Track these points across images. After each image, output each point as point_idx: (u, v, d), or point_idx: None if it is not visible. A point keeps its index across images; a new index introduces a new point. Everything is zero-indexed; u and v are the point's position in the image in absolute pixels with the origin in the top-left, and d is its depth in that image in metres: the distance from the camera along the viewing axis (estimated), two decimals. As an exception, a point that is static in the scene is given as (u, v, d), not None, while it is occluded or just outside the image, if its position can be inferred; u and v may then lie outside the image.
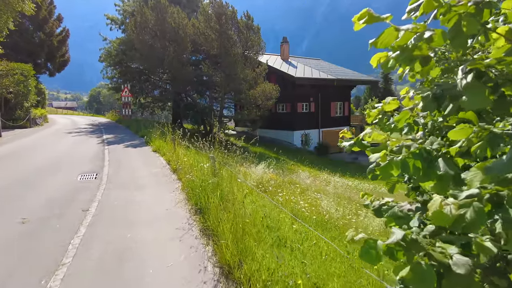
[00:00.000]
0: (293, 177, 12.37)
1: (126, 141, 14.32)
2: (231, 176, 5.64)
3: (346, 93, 31.12)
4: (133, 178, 7.68)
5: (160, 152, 10.94)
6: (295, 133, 27.11)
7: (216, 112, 24.22)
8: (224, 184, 4.94)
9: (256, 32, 21.36)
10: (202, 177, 5.45)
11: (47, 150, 11.70)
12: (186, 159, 8.05)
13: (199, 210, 5.03)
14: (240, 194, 4.93)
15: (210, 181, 4.96)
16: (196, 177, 5.79)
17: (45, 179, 7.60)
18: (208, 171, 5.57)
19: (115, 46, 26.20)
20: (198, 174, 5.81)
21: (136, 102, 28.67)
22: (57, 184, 7.13)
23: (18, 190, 6.60)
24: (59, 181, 7.44)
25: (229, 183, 5.13)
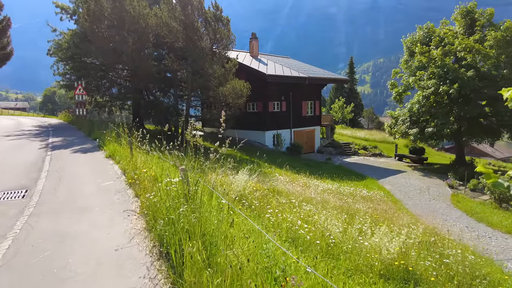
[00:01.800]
0: (273, 184, 10.92)
1: (76, 145, 12.15)
2: (211, 195, 4.06)
3: (317, 92, 30.32)
4: (76, 196, 5.83)
5: (115, 158, 9.04)
6: (266, 133, 25.79)
7: (181, 111, 22.30)
8: (206, 216, 3.35)
9: (225, 24, 19.73)
10: (169, 202, 3.82)
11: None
12: (147, 170, 6.30)
13: (166, 254, 3.40)
14: (225, 223, 3.37)
15: (182, 209, 3.35)
16: (160, 199, 4.13)
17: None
18: (178, 190, 3.95)
19: (67, 38, 23.38)
20: (163, 195, 4.15)
21: (92, 101, 25.92)
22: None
23: None
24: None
25: (213, 210, 3.56)
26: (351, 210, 9.09)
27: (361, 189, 16.37)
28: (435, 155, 33.18)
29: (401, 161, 28.42)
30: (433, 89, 22.84)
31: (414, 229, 8.10)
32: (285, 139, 26.52)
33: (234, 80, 20.59)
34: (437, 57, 23.26)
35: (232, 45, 20.42)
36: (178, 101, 22.88)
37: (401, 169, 24.77)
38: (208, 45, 19.81)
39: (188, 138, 19.56)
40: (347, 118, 48.22)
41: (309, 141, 28.78)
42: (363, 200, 13.98)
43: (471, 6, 25.75)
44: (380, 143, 34.30)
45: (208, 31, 19.39)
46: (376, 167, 25.02)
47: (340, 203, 11.52)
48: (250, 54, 30.14)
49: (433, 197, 17.56)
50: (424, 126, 24.44)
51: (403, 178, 21.62)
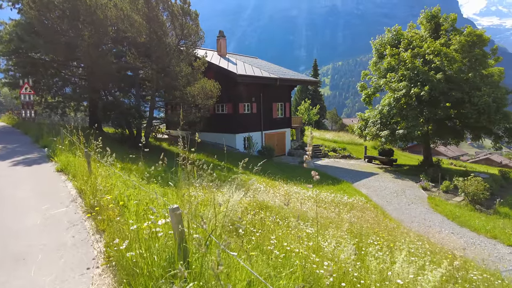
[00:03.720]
0: (257, 195, 9.70)
1: (18, 155, 10.09)
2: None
3: (287, 94, 29.57)
4: (8, 234, 4.22)
5: (69, 172, 7.33)
6: (237, 136, 24.50)
7: (144, 113, 20.38)
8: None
9: (193, 19, 18.18)
10: (155, 266, 2.46)
11: None
12: (111, 196, 4.81)
13: None
14: None
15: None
16: (140, 257, 2.73)
17: None
18: (168, 243, 2.60)
19: (8, 29, 20.51)
20: (143, 248, 2.76)
21: (42, 102, 23.11)
22: None
23: None
24: None
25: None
26: (353, 227, 8.12)
27: (341, 195, 15.63)
28: (401, 156, 33.76)
29: (370, 163, 28.43)
30: (404, 91, 22.86)
31: (420, 246, 7.29)
32: (257, 142, 25.39)
33: (203, 80, 19.10)
34: (407, 59, 23.34)
35: (201, 42, 18.93)
36: (140, 101, 20.90)
37: (372, 171, 24.62)
38: (174, 41, 18.16)
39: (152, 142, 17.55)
40: (313, 120, 48.19)
41: (280, 143, 27.90)
42: (347, 208, 13.22)
43: (435, 11, 26.30)
44: (348, 145, 34.32)
45: (175, 25, 17.74)
46: (348, 169, 24.67)
47: (328, 214, 10.59)
48: (217, 53, 28.69)
49: (411, 200, 17.29)
50: (394, 128, 24.47)
51: (377, 181, 21.34)
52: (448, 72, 22.77)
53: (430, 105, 23.24)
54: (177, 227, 2.52)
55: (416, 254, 5.98)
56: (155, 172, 11.86)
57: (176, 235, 2.52)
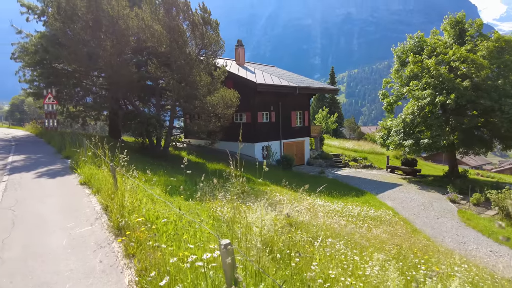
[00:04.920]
0: (282, 209, 9.26)
1: (42, 166, 10.00)
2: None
3: (306, 102, 29.13)
4: (34, 259, 3.93)
5: (93, 186, 7.11)
6: (256, 145, 24.15)
7: (163, 122, 20.33)
8: None
9: (214, 28, 18.10)
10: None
11: None
12: (137, 214, 4.50)
13: None
14: None
15: None
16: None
17: None
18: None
19: (34, 41, 20.92)
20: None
21: (64, 111, 23.40)
22: None
23: None
24: None
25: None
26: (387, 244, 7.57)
27: (367, 208, 14.99)
28: (424, 166, 32.64)
29: (393, 173, 27.53)
30: (428, 100, 22.07)
31: (466, 269, 6.69)
32: (276, 151, 24.97)
33: (222, 89, 18.92)
34: (431, 66, 22.58)
35: (222, 51, 18.78)
36: (160, 111, 20.88)
37: (396, 182, 23.76)
38: (195, 51, 18.09)
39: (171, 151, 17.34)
40: (331, 129, 47.46)
41: (299, 153, 27.38)
42: (375, 222, 12.62)
43: (460, 16, 25.50)
44: (369, 154, 33.45)
45: (195, 35, 17.68)
46: (371, 180, 23.89)
47: (358, 229, 10.04)
48: (236, 62, 28.60)
49: (440, 213, 16.45)
50: (418, 137, 23.61)
51: (401, 192, 20.52)
52: (476, 79, 21.88)
53: (456, 114, 22.35)
54: (229, 266, 2.14)
55: (469, 282, 5.41)
56: (176, 182, 11.63)
57: (228, 275, 2.14)
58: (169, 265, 2.89)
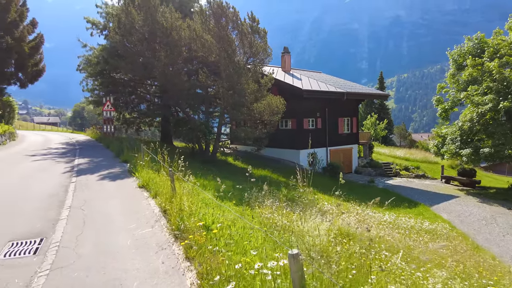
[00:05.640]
0: (333, 219, 9.06)
1: (103, 169, 10.77)
2: None
3: (354, 108, 28.38)
4: (104, 256, 4.24)
5: (150, 189, 7.51)
6: (301, 152, 23.95)
7: (211, 128, 20.93)
8: None
9: (262, 36, 18.38)
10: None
11: (-17, 187, 8.11)
12: (197, 219, 4.66)
13: None
14: None
15: None
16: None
17: None
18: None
19: (96, 53, 22.74)
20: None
21: (120, 118, 25.07)
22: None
23: None
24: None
25: None
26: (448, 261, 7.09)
27: (420, 220, 14.16)
28: (484, 177, 30.15)
29: (448, 184, 25.77)
30: (490, 105, 20.43)
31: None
32: (322, 158, 24.57)
33: (269, 96, 19.06)
34: (494, 69, 20.91)
35: (269, 59, 18.99)
36: (209, 118, 21.57)
37: (452, 193, 22.19)
38: (243, 59, 18.48)
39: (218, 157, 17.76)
40: (380, 136, 45.68)
41: (346, 160, 26.67)
42: (430, 236, 11.88)
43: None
44: (421, 163, 31.64)
45: (244, 44, 18.06)
46: (424, 190, 22.56)
47: (413, 243, 9.52)
48: (282, 69, 28.71)
49: (505, 230, 15.04)
50: (477, 146, 21.89)
51: (458, 205, 19.11)
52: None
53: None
54: (297, 276, 2.14)
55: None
56: (226, 188, 11.87)
57: (297, 284, 2.15)
58: (233, 271, 2.95)
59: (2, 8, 22.69)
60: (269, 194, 9.90)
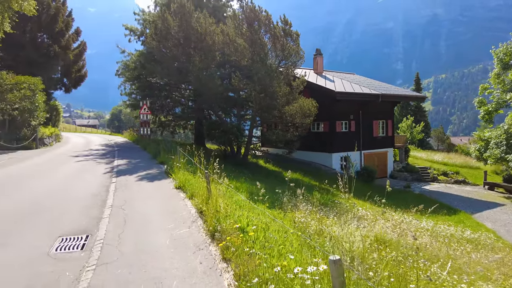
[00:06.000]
0: (368, 224, 8.84)
1: (141, 170, 11.22)
2: None
3: (389, 111, 27.54)
4: (144, 254, 4.43)
5: (187, 190, 7.72)
6: (334, 155, 23.57)
7: (243, 131, 21.14)
8: None
9: (294, 39, 18.34)
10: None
11: (32, 186, 8.71)
12: (233, 220, 4.73)
13: None
14: None
15: None
16: None
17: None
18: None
19: (134, 59, 23.76)
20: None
21: (156, 121, 25.99)
22: (4, 267, 3.99)
23: None
24: (11, 258, 4.30)
25: None
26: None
27: (461, 228, 13.45)
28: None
29: (492, 190, 24.27)
30: (540, 107, 19.10)
31: None
32: (355, 162, 24.03)
33: (301, 99, 18.96)
34: (544, 69, 19.55)
35: (301, 62, 18.92)
36: (241, 121, 21.82)
37: (496, 201, 20.88)
38: (275, 62, 18.54)
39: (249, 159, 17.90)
40: (416, 139, 43.94)
41: (380, 164, 25.90)
42: (473, 246, 11.24)
43: None
44: (461, 168, 30.05)
45: (276, 47, 18.12)
46: (464, 197, 21.41)
47: (454, 252, 9.07)
48: (314, 71, 28.45)
49: (558, 242, 13.93)
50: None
51: (504, 214, 17.95)
52: None
53: None
54: (338, 282, 2.13)
55: None
56: (257, 190, 11.93)
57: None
58: (271, 274, 2.98)
59: (51, 19, 24.27)
60: (302, 198, 9.83)
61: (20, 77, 18.95)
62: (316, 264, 2.68)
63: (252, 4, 18.26)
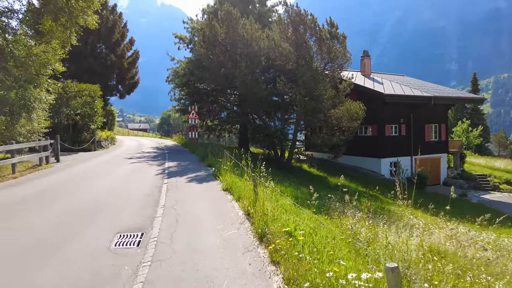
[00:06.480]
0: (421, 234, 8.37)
1: (190, 172, 11.65)
2: None
3: (442, 114, 25.98)
4: (196, 253, 4.59)
5: (234, 193, 7.89)
6: (382, 161, 22.66)
7: (287, 135, 21.09)
8: None
9: (341, 41, 18.02)
10: None
11: (92, 185, 9.43)
12: (281, 224, 4.73)
13: None
14: None
15: None
16: None
17: (62, 243, 4.93)
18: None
19: (183, 66, 24.83)
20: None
21: (203, 125, 26.89)
22: (70, 260, 4.36)
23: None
24: (77, 251, 4.70)
25: None
26: None
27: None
28: None
29: None
30: None
31: None
32: (406, 168, 22.90)
33: (348, 102, 18.53)
34: None
35: (348, 64, 18.53)
36: (284, 125, 21.81)
37: None
38: (320, 65, 18.33)
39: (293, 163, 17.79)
40: (473, 144, 40.82)
41: (433, 171, 24.40)
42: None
43: None
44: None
45: (322, 50, 17.93)
46: (532, 208, 19.43)
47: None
48: (361, 73, 27.67)
49: None
50: None
51: None
52: None
53: None
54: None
55: None
56: (302, 194, 11.83)
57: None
58: (323, 279, 2.95)
59: (109, 30, 26.18)
60: (349, 204, 9.59)
61: (82, 85, 20.64)
62: (371, 271, 2.60)
63: (298, 8, 18.26)
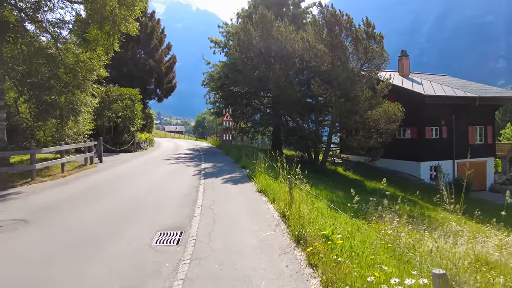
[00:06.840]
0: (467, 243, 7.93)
1: (225, 173, 11.86)
2: None
3: (488, 115, 24.41)
4: (233, 252, 4.68)
5: (268, 194, 7.93)
6: (422, 164, 21.70)
7: (321, 137, 20.81)
8: None
9: (378, 41, 17.52)
10: None
11: (133, 185, 9.87)
12: (317, 227, 4.69)
13: None
14: None
15: None
16: None
17: (109, 238, 5.21)
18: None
19: (218, 69, 25.32)
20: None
21: (237, 127, 27.24)
22: (116, 255, 4.61)
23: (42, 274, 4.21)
24: (122, 246, 4.95)
25: None
26: None
27: None
28: None
29: None
30: None
31: None
32: (448, 172, 21.77)
33: (385, 103, 17.96)
34: None
35: (386, 64, 17.97)
36: (319, 127, 21.55)
37: None
38: (356, 66, 17.94)
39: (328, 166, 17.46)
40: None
41: (478, 176, 22.95)
42: None
43: None
44: None
45: (358, 50, 17.54)
46: None
47: None
48: (399, 73, 26.72)
49: None
50: None
51: None
52: None
53: None
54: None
55: None
56: (337, 198, 11.62)
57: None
58: (364, 283, 2.90)
59: (148, 37, 27.30)
60: (389, 209, 9.31)
61: (122, 89, 21.68)
62: (414, 277, 2.52)
63: (333, 9, 18.01)
